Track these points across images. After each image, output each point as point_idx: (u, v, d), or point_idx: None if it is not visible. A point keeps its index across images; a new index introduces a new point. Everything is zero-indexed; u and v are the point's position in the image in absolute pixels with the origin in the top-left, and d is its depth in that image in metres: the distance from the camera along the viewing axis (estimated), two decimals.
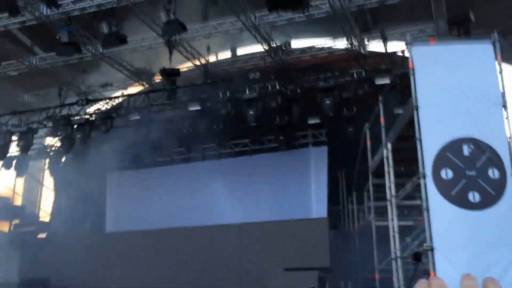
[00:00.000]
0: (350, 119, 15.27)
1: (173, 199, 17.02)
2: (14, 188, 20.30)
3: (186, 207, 16.73)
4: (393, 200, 9.99)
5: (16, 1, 11.74)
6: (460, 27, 12.06)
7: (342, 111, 15.14)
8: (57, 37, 12.87)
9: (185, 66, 16.18)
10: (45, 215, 21.38)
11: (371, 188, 12.54)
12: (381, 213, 12.59)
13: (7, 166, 18.21)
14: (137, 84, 17.31)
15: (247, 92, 14.91)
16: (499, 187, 6.97)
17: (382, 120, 11.12)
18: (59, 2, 12.09)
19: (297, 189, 16.32)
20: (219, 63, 16.36)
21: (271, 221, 15.05)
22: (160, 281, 14.90)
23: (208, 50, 15.96)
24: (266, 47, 14.75)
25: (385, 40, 14.40)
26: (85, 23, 13.62)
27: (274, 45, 14.79)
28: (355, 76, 14.64)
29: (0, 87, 16.06)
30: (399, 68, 14.13)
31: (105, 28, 12.45)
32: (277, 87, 15.00)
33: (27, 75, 15.92)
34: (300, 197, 16.30)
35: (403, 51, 14.35)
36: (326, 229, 13.94)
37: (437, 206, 6.97)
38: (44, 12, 12.61)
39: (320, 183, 16.15)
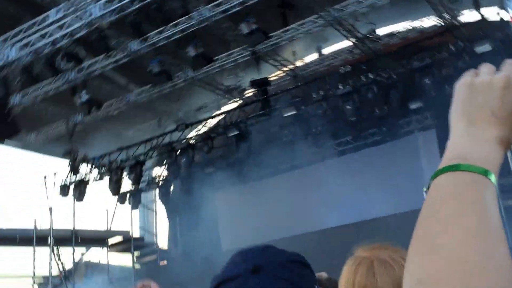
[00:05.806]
0: None
1: (283, 208, 16.83)
2: (131, 221, 21.14)
3: (298, 215, 16.50)
4: None
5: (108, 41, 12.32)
6: None
7: (445, 89, 14.24)
8: (148, 70, 13.33)
9: (273, 75, 16.12)
10: (163, 243, 22.09)
11: None
12: (507, 191, 11.77)
13: (122, 200, 19.00)
14: (230, 101, 17.52)
15: (341, 88, 14.50)
16: None
17: None
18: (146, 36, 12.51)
19: (410, 179, 15.50)
20: (307, 66, 16.12)
21: (388, 215, 14.43)
22: None
23: (294, 55, 15.79)
24: (352, 39, 14.29)
25: (477, 6, 13.41)
26: (171, 52, 13.96)
27: (360, 35, 14.29)
28: (453, 49, 13.72)
29: (105, 127, 16.90)
30: (499, 32, 13.08)
31: (191, 51, 12.70)
32: (371, 77, 14.44)
33: (126, 112, 16.64)
34: (413, 187, 15.45)
35: (499, 13, 13.31)
36: None
37: None
38: (133, 48, 13.09)
39: (433, 169, 15.18)
